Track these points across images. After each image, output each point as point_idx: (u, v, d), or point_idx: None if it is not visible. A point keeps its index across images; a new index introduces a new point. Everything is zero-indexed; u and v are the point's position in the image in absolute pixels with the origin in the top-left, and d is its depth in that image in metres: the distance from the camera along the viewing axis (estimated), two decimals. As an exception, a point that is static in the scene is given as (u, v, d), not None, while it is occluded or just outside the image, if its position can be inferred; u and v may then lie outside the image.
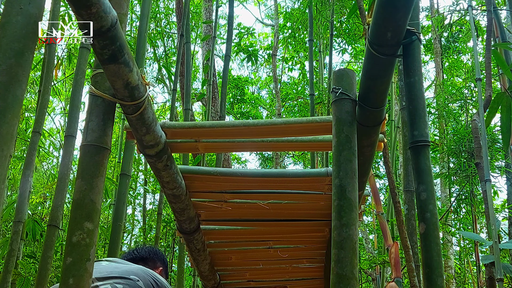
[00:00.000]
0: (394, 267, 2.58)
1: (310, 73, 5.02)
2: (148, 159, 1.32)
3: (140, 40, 2.67)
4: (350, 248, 1.03)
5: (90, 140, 1.05)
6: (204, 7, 7.00)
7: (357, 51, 9.19)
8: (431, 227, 1.09)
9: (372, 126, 1.19)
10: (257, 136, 1.37)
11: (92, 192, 1.01)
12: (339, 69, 1.19)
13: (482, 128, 2.89)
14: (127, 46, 0.96)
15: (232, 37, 5.59)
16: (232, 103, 10.40)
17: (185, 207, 1.61)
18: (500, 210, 5.37)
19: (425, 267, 1.08)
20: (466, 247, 7.93)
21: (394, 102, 6.44)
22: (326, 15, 5.70)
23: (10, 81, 0.82)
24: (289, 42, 9.54)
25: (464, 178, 5.83)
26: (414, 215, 3.05)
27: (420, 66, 1.16)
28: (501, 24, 3.36)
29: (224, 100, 3.92)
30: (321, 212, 1.78)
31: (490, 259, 3.04)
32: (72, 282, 0.94)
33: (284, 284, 2.46)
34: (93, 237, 0.99)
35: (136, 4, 8.12)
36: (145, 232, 7.04)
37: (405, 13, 0.94)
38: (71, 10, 0.90)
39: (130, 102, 1.05)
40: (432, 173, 1.17)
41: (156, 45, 8.58)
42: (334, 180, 1.09)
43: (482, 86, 3.11)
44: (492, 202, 3.00)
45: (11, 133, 0.82)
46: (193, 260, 1.99)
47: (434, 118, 7.94)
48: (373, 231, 9.14)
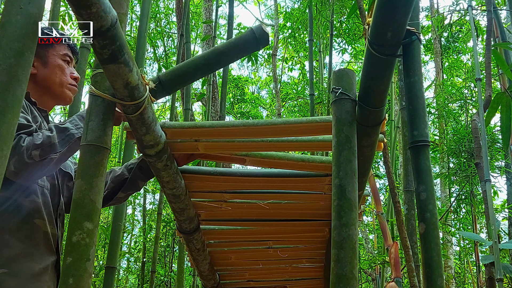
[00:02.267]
0: (394, 267, 2.58)
1: (310, 73, 5.02)
2: (148, 159, 1.32)
3: (140, 40, 2.67)
4: (350, 248, 1.03)
5: (90, 140, 1.05)
6: (204, 7, 7.00)
7: (357, 51, 9.19)
8: (431, 227, 1.10)
9: (372, 126, 1.19)
10: (257, 136, 1.37)
11: (92, 192, 1.01)
12: (339, 69, 1.19)
13: (482, 128, 2.90)
14: (127, 46, 0.96)
15: (232, 37, 5.59)
16: (232, 103, 10.40)
17: (185, 207, 1.61)
18: (500, 210, 5.37)
19: (425, 267, 1.08)
20: (466, 247, 7.94)
21: (394, 102, 6.45)
22: (326, 15, 5.71)
23: (10, 81, 0.82)
24: (289, 42, 9.55)
25: (464, 178, 5.83)
26: (414, 215, 3.05)
27: (420, 66, 1.16)
28: (501, 24, 3.36)
29: (224, 100, 3.93)
30: (321, 212, 1.78)
31: (490, 259, 3.04)
32: (72, 282, 0.94)
33: (284, 284, 2.46)
34: (93, 237, 0.99)
35: (136, 4, 8.12)
36: (145, 232, 7.04)
37: (405, 13, 0.94)
38: (71, 10, 0.90)
39: (130, 102, 1.05)
40: (432, 173, 1.17)
41: (156, 45, 8.58)
42: (334, 180, 1.09)
43: (482, 86, 3.11)
44: (492, 202, 3.00)
45: (11, 133, 0.82)
46: (193, 260, 1.99)
47: (434, 118, 7.94)
48: (373, 231, 9.15)
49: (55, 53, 1.48)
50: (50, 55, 1.48)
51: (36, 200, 1.32)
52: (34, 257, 1.27)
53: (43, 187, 1.36)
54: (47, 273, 1.30)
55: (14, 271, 1.22)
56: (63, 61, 1.49)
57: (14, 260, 1.23)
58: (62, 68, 1.48)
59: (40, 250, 1.29)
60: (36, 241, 1.29)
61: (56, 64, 1.48)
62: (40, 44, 1.47)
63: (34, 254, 1.28)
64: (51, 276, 1.33)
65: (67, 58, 1.51)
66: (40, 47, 1.47)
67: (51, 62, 1.47)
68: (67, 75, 1.49)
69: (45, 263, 1.30)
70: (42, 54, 1.47)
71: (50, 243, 1.34)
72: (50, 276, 1.32)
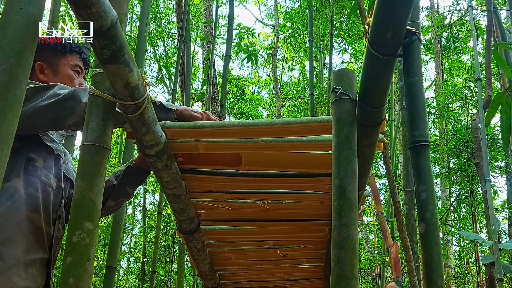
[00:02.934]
0: (394, 267, 2.58)
1: (310, 73, 5.02)
2: (148, 159, 1.32)
3: (140, 40, 2.67)
4: (350, 248, 1.03)
5: (90, 140, 1.05)
6: (204, 7, 7.00)
7: (357, 51, 9.19)
8: (431, 227, 1.09)
9: (372, 126, 1.19)
10: (257, 136, 1.37)
11: (92, 192, 1.01)
12: (339, 69, 1.19)
13: (482, 128, 2.90)
14: (127, 46, 0.96)
15: (232, 37, 5.60)
16: (232, 103, 10.41)
17: (185, 207, 1.61)
18: (500, 210, 5.38)
19: (425, 267, 1.08)
20: (466, 247, 7.94)
21: (394, 102, 6.45)
22: (326, 15, 5.71)
23: (10, 81, 0.82)
24: (289, 42, 9.55)
25: (464, 178, 5.83)
26: (414, 215, 3.05)
27: (420, 66, 1.16)
28: (501, 24, 3.36)
29: (224, 100, 3.93)
30: (321, 212, 1.78)
31: (490, 259, 3.04)
32: (72, 282, 0.94)
33: (284, 284, 2.47)
34: (93, 237, 0.99)
35: (136, 4, 8.13)
36: (145, 232, 7.04)
37: (405, 13, 0.94)
38: (71, 10, 0.90)
39: (130, 102, 1.05)
40: (432, 173, 1.17)
41: (156, 45, 8.59)
42: (334, 180, 1.09)
43: (482, 86, 3.11)
44: (492, 202, 3.00)
45: (11, 133, 0.82)
46: (193, 260, 1.99)
47: (434, 118, 7.95)
48: (373, 231, 9.15)
49: (66, 62, 1.50)
50: (61, 64, 1.49)
51: (34, 194, 1.31)
52: (22, 247, 1.26)
53: (47, 184, 1.36)
54: (34, 267, 1.29)
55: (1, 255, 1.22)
56: (73, 72, 1.51)
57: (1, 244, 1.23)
58: (71, 78, 1.50)
59: (29, 241, 1.28)
60: (26, 232, 1.28)
61: (66, 74, 1.50)
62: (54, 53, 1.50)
63: (22, 243, 1.26)
64: (39, 272, 1.31)
65: (78, 68, 1.53)
66: (53, 55, 1.50)
67: (62, 71, 1.49)
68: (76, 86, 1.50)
69: (33, 256, 1.28)
70: (54, 63, 1.48)
71: (43, 240, 1.32)
72: (38, 271, 1.30)
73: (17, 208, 1.27)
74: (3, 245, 1.23)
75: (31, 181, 1.32)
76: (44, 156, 1.38)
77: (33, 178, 1.32)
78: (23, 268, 1.25)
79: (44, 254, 1.33)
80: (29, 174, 1.32)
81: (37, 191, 1.33)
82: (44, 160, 1.37)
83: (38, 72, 1.48)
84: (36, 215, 1.31)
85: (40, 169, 1.35)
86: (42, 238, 1.33)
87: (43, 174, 1.36)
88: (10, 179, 1.28)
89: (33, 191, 1.32)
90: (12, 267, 1.23)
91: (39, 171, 1.34)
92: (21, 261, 1.25)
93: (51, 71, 1.48)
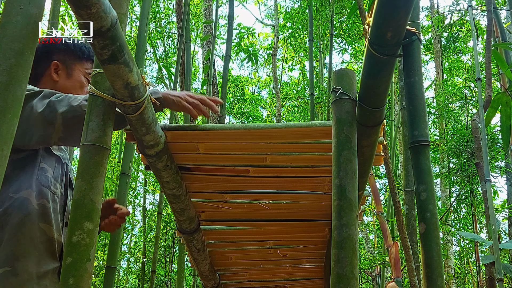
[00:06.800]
0: (394, 267, 2.58)
1: (310, 73, 5.02)
2: (148, 159, 1.32)
3: (140, 40, 2.67)
4: (350, 248, 1.03)
5: (90, 140, 1.05)
6: (204, 7, 7.00)
7: (357, 51, 9.19)
8: (431, 227, 1.09)
9: (372, 126, 1.19)
10: (257, 140, 1.38)
11: (92, 192, 1.01)
12: (339, 69, 1.19)
13: (482, 128, 2.90)
14: (127, 46, 0.96)
15: (232, 37, 5.59)
16: (232, 103, 10.40)
17: (185, 207, 1.61)
18: (500, 210, 5.38)
19: (425, 267, 1.08)
20: (466, 247, 7.94)
21: (394, 102, 6.44)
22: (326, 15, 5.71)
23: (10, 81, 0.82)
24: (289, 42, 9.55)
25: (464, 178, 5.83)
26: (414, 215, 3.05)
27: (420, 66, 1.16)
28: (501, 24, 3.36)
29: (224, 100, 3.92)
30: (321, 212, 1.78)
31: (490, 259, 3.04)
32: (72, 282, 0.94)
33: (284, 284, 2.46)
34: (93, 237, 0.99)
35: (136, 4, 8.13)
36: (145, 232, 7.04)
37: (405, 13, 0.94)
38: (71, 10, 0.90)
39: (130, 102, 1.05)
40: (432, 173, 1.17)
41: (156, 45, 8.59)
42: (334, 180, 1.09)
43: (482, 86, 3.11)
44: (492, 202, 3.00)
45: (11, 133, 0.82)
46: (193, 260, 1.99)
47: (434, 118, 7.95)
48: (373, 231, 9.15)
49: (81, 69, 1.51)
50: (76, 69, 1.50)
51: (46, 205, 1.32)
52: (35, 259, 1.27)
53: (55, 194, 1.37)
54: (47, 277, 1.29)
55: (15, 270, 1.22)
56: (85, 79, 1.52)
57: (16, 259, 1.23)
58: (82, 85, 1.51)
59: (40, 253, 1.29)
60: (38, 244, 1.29)
61: (79, 80, 1.50)
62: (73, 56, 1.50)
63: (35, 256, 1.27)
64: (52, 282, 1.32)
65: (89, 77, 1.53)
66: (71, 58, 1.51)
67: (75, 76, 1.50)
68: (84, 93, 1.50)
69: (45, 268, 1.29)
70: (70, 66, 1.49)
71: (54, 249, 1.33)
72: (50, 281, 1.31)
73: (30, 221, 1.27)
74: (17, 259, 1.23)
75: (43, 192, 1.32)
76: (53, 166, 1.38)
77: (44, 189, 1.32)
78: (35, 281, 1.26)
79: (55, 264, 1.33)
80: (41, 184, 1.32)
81: (48, 202, 1.33)
82: (53, 170, 1.37)
83: (52, 71, 1.48)
84: (48, 226, 1.32)
85: (50, 179, 1.35)
86: (53, 248, 1.33)
87: (52, 184, 1.36)
88: (22, 189, 1.28)
89: (45, 202, 1.32)
90: (26, 282, 1.23)
91: (50, 181, 1.35)
92: (34, 274, 1.26)
93: (65, 73, 1.48)
